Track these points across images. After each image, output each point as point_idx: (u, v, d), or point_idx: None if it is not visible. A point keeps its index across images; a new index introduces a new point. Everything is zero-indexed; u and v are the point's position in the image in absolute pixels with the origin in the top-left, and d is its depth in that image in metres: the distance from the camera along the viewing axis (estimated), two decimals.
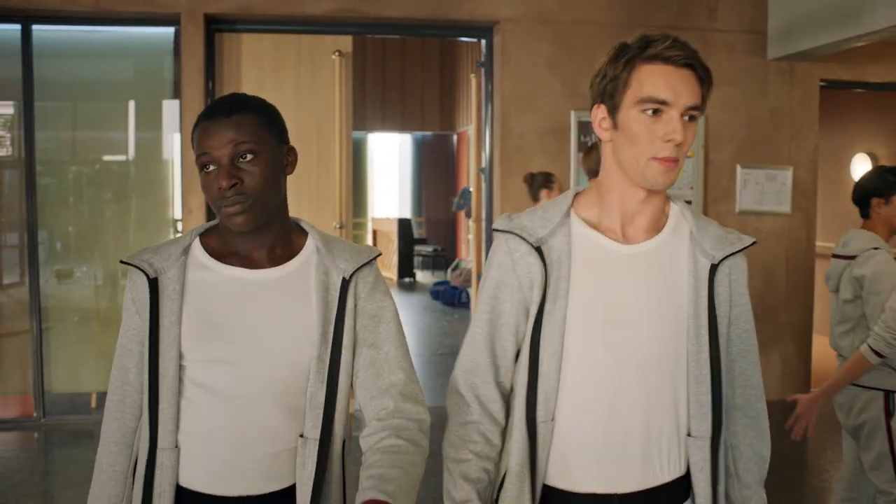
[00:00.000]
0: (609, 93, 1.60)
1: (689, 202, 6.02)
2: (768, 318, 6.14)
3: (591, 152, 4.48)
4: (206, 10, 5.61)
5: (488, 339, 1.71)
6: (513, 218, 1.72)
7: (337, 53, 5.90)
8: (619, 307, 1.63)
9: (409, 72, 13.84)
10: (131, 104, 6.13)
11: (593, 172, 5.12)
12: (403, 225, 14.33)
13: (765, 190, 6.27)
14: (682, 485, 1.67)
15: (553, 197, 4.18)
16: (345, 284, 1.70)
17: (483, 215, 6.36)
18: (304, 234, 1.76)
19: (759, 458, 1.76)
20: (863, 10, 5.16)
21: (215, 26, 5.77)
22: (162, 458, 1.64)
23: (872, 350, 2.95)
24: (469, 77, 9.78)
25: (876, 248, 3.18)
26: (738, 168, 6.22)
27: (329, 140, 5.95)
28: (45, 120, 5.84)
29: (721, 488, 1.69)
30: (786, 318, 6.34)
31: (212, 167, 1.63)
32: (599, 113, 1.64)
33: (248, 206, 1.63)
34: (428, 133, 15.38)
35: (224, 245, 1.72)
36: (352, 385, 1.72)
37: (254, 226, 1.64)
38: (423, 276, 14.50)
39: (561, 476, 1.66)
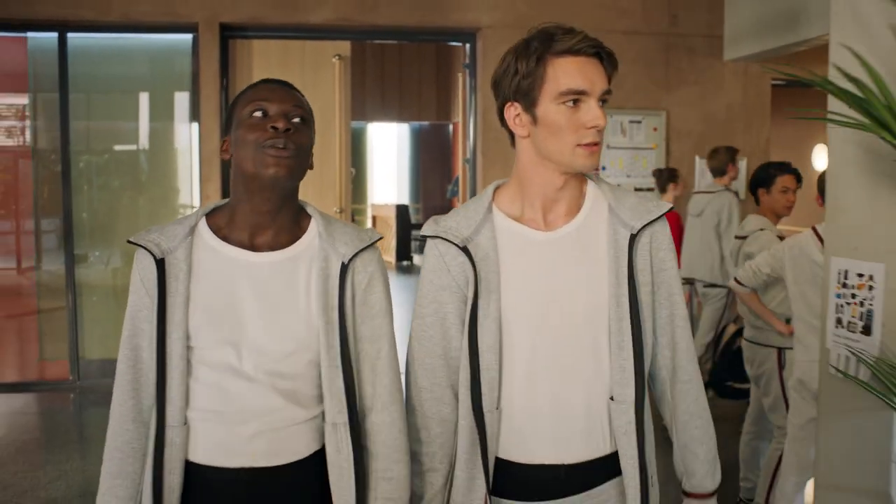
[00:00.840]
0: (524, 90, 1.62)
1: (651, 189, 6.74)
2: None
3: (716, 153, 5.22)
4: (220, 20, 6.29)
5: (441, 342, 1.72)
6: (438, 221, 1.73)
7: (336, 57, 6.60)
8: (548, 292, 1.65)
9: (406, 64, 14.04)
10: (150, 98, 6.76)
11: (718, 171, 5.82)
12: (401, 211, 14.64)
13: None
14: None
15: (679, 190, 4.88)
16: (344, 269, 1.69)
17: (467, 199, 7.05)
18: (308, 217, 1.76)
19: (699, 421, 1.75)
20: (799, 20, 5.76)
21: (229, 33, 6.44)
22: (171, 435, 1.64)
23: (737, 281, 3.78)
24: (464, 70, 10.38)
25: (762, 230, 3.92)
26: (697, 158, 6.92)
27: (330, 133, 6.63)
28: (77, 112, 6.48)
29: (648, 452, 1.69)
30: None
31: (263, 114, 1.65)
32: (513, 111, 1.66)
33: (292, 157, 1.64)
34: (425, 123, 15.55)
35: (232, 226, 1.70)
36: None
37: (286, 182, 1.65)
38: (419, 260, 14.69)
39: (510, 449, 1.69)
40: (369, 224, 15.70)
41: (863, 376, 2.15)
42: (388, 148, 16.72)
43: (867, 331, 2.16)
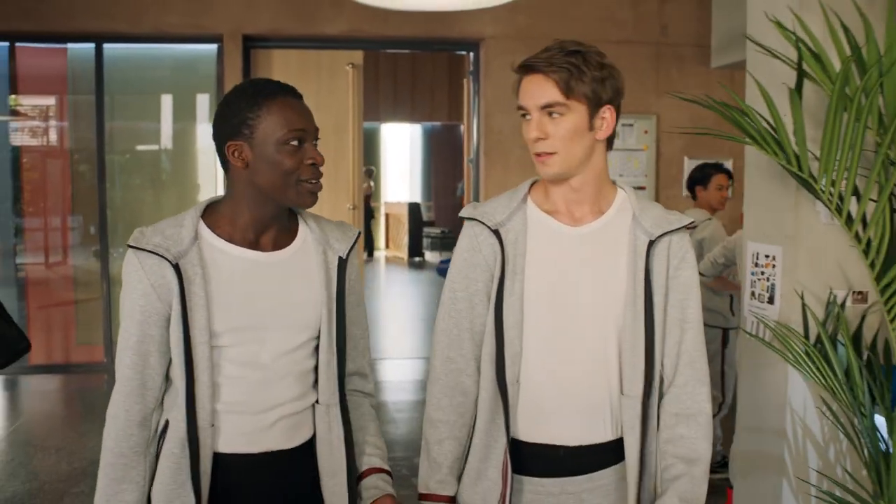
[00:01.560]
0: None
1: (642, 188, 7.25)
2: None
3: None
4: (243, 32, 6.82)
5: (468, 315, 1.81)
6: (476, 207, 1.83)
7: (350, 65, 7.12)
8: (569, 281, 1.75)
9: (419, 67, 14.29)
10: (174, 101, 7.30)
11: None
12: (413, 209, 14.95)
13: None
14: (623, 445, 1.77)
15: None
16: (342, 264, 1.80)
17: (471, 199, 7.58)
18: (295, 216, 1.83)
19: (697, 423, 1.77)
20: None
21: (251, 44, 6.96)
22: (203, 437, 1.68)
23: (702, 275, 4.31)
24: (468, 77, 10.83)
25: (709, 219, 4.46)
26: (686, 159, 7.41)
27: (344, 136, 7.15)
28: (110, 115, 7.01)
29: (651, 448, 1.76)
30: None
31: (298, 143, 1.69)
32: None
33: (320, 186, 1.74)
34: (437, 123, 15.75)
35: (234, 227, 1.73)
36: None
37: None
38: (431, 256, 15.16)
39: (518, 427, 1.77)
40: (382, 221, 16.13)
41: (768, 338, 2.67)
42: (401, 148, 17.00)
43: (771, 301, 2.68)
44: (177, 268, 1.65)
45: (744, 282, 2.85)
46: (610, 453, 1.77)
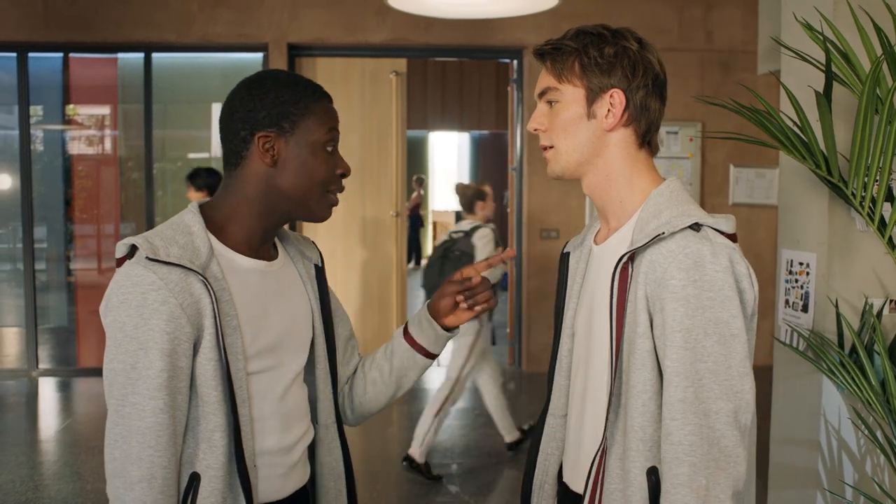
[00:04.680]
0: None
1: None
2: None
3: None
4: (288, 40, 6.94)
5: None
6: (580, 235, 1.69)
7: (394, 73, 7.18)
8: (584, 306, 1.56)
9: (466, 75, 14.36)
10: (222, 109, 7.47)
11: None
12: (460, 217, 15.16)
13: (755, 186, 7.35)
14: None
15: (488, 209, 5.40)
16: (319, 272, 1.69)
17: (514, 207, 7.57)
18: None
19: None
20: None
21: (295, 52, 7.08)
22: (253, 483, 1.46)
23: None
24: (511, 85, 10.83)
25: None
26: (731, 167, 7.32)
27: (387, 143, 7.20)
28: (157, 122, 7.18)
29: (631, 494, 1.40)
30: (772, 294, 7.40)
31: (333, 148, 1.56)
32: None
33: None
34: (485, 132, 15.82)
35: (236, 236, 1.53)
36: None
37: None
38: None
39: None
40: (430, 229, 16.21)
41: (801, 347, 2.61)
42: (449, 156, 17.10)
43: (805, 309, 2.62)
44: (206, 282, 1.41)
45: (778, 290, 2.79)
46: None
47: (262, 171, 1.51)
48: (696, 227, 1.38)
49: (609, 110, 1.48)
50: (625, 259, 1.41)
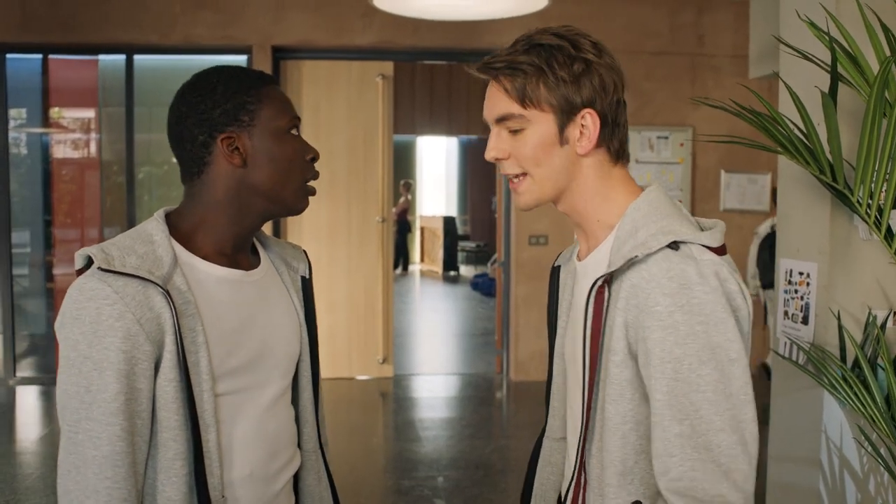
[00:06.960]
0: None
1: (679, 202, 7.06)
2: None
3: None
4: (273, 43, 6.81)
5: None
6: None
7: (380, 76, 7.06)
8: (570, 328, 1.47)
9: (455, 80, 14.20)
10: None
11: None
12: (448, 222, 15.05)
13: (746, 192, 7.27)
14: None
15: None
16: (305, 283, 1.58)
17: (502, 212, 7.46)
18: None
19: None
20: None
21: (280, 55, 6.95)
22: None
23: None
24: None
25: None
26: (722, 172, 7.23)
27: (374, 147, 7.09)
28: (140, 126, 7.02)
29: None
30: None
31: (296, 133, 1.46)
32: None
33: None
34: (473, 136, 15.72)
35: (206, 243, 1.41)
36: None
37: None
38: (466, 271, 15.23)
39: None
40: (417, 235, 16.13)
41: (801, 361, 2.50)
42: (437, 161, 17.07)
43: (805, 321, 2.51)
44: (167, 294, 1.28)
45: (777, 301, 2.68)
46: None
47: (230, 172, 1.41)
48: (674, 245, 1.25)
49: (581, 132, 1.33)
50: (599, 283, 1.29)
